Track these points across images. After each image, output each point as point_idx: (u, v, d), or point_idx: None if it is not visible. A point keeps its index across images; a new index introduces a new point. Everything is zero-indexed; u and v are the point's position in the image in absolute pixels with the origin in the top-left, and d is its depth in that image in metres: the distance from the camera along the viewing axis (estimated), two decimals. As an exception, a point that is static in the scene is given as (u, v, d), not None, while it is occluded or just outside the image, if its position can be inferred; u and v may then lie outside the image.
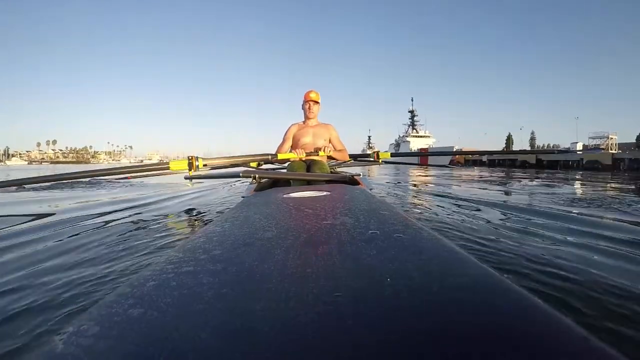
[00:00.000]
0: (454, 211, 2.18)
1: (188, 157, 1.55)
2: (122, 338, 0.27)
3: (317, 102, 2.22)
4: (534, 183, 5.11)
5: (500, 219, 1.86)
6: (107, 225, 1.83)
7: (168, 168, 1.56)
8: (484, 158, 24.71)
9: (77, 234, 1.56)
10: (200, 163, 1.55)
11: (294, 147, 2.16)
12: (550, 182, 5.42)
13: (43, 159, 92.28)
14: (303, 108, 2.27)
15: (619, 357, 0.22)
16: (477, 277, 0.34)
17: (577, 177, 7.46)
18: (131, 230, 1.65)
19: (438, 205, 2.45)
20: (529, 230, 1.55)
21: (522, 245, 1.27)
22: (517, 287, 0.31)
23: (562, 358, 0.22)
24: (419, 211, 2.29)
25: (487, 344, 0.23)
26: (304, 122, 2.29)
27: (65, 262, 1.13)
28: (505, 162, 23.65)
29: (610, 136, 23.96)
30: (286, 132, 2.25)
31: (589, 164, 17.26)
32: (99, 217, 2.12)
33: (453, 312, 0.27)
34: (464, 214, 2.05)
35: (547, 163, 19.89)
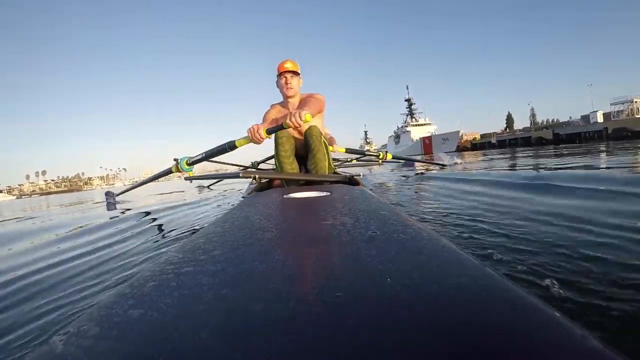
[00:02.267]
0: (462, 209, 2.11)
1: (174, 159, 1.90)
2: (122, 338, 0.28)
3: (296, 74, 1.79)
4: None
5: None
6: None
7: (171, 172, 2.10)
8: (493, 139, 24.57)
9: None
10: (184, 163, 1.89)
11: None
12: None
13: (34, 191, 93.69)
14: (278, 85, 1.84)
15: (619, 357, 0.23)
16: (477, 278, 0.35)
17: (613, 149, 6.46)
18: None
19: (443, 201, 2.40)
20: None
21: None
22: (517, 287, 0.33)
23: (562, 358, 0.23)
24: (421, 211, 2.24)
25: (486, 344, 0.24)
26: (282, 103, 1.91)
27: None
28: (517, 141, 23.36)
29: (634, 100, 23.47)
30: (265, 115, 1.89)
31: (616, 132, 16.88)
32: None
33: (453, 312, 0.28)
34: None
35: (566, 137, 19.63)
